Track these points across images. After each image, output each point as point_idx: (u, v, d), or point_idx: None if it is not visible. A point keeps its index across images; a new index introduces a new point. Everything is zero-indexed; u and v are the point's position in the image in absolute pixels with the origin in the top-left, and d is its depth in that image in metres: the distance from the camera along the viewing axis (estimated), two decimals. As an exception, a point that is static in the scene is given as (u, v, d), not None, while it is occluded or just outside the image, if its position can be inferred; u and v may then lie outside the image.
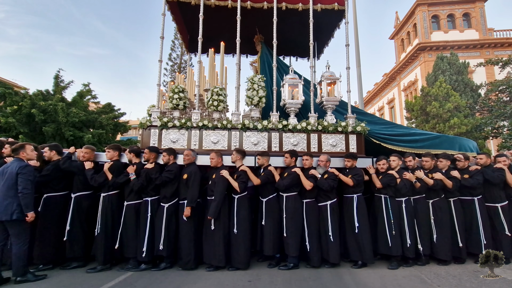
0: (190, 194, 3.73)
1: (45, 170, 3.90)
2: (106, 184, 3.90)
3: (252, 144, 4.52)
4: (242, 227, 3.81)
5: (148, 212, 3.82)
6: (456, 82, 15.78)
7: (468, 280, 3.41)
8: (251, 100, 4.60)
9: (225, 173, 3.84)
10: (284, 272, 3.73)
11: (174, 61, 20.58)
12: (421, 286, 3.30)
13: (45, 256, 3.79)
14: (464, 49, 20.06)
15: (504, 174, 4.13)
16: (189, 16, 5.93)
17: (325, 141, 4.73)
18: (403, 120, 21.77)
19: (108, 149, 4.15)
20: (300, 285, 3.33)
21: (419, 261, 4.01)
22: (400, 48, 24.54)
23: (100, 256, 3.77)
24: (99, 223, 3.84)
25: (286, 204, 3.94)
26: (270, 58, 5.73)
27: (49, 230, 3.81)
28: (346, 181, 4.04)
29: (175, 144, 4.44)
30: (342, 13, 5.38)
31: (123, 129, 13.36)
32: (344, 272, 3.74)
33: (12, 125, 10.16)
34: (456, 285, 3.27)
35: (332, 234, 3.85)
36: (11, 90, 10.83)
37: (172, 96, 4.52)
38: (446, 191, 4.17)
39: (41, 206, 3.85)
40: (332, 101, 4.90)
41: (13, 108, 10.41)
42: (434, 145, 4.93)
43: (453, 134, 12.71)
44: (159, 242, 3.69)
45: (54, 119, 10.91)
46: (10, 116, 10.22)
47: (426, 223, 4.08)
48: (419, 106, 14.79)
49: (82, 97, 12.26)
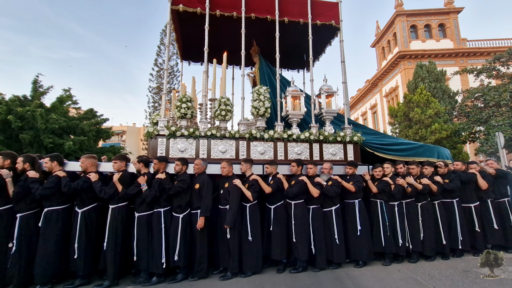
0: (204, 204, 3.94)
1: (48, 183, 3.77)
2: (116, 195, 3.94)
3: (259, 154, 4.84)
4: (255, 234, 4.09)
5: (162, 223, 3.92)
6: (435, 89, 17.00)
7: (460, 280, 3.81)
8: (257, 110, 4.95)
9: (238, 182, 4.10)
10: (286, 279, 3.94)
11: (160, 67, 20.75)
12: (418, 287, 3.63)
13: (46, 275, 3.63)
14: (441, 58, 21.73)
15: (475, 177, 4.98)
16: (186, 26, 6.20)
17: (326, 150, 5.17)
18: (385, 125, 23.03)
19: (115, 160, 4.20)
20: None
21: (411, 258, 4.58)
22: (381, 55, 26.04)
23: (110, 270, 3.75)
24: (108, 237, 3.82)
25: (295, 211, 4.29)
26: (270, 70, 6.14)
27: (51, 246, 3.69)
28: (348, 187, 4.49)
29: (183, 153, 4.64)
30: (335, 31, 5.99)
31: (106, 135, 13.19)
32: (344, 277, 4.02)
33: (-15, 132, 9.78)
34: (450, 285, 3.63)
35: (337, 237, 4.26)
36: (-16, 95, 10.43)
37: (180, 106, 4.73)
38: (431, 194, 4.85)
39: (41, 220, 3.74)
40: (331, 112, 5.39)
41: (-14, 114, 10.03)
42: (418, 154, 5.63)
43: (435, 138, 13.68)
44: (175, 253, 3.82)
45: (32, 125, 10.61)
46: (-16, 123, 9.85)
47: (415, 224, 4.70)
48: (402, 112, 15.80)
49: (62, 102, 12.01)
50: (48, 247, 3.69)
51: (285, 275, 4.09)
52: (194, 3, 5.11)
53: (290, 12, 5.50)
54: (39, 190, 3.68)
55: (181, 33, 6.55)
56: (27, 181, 3.75)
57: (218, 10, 5.23)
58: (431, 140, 13.78)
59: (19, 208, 3.74)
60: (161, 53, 20.90)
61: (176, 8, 5.11)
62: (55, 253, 3.71)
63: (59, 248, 3.76)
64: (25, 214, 3.75)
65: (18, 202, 3.75)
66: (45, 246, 3.68)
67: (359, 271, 4.20)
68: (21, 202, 3.76)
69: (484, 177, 5.00)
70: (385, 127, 23.05)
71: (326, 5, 5.79)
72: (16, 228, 3.66)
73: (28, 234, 3.72)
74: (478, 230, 4.83)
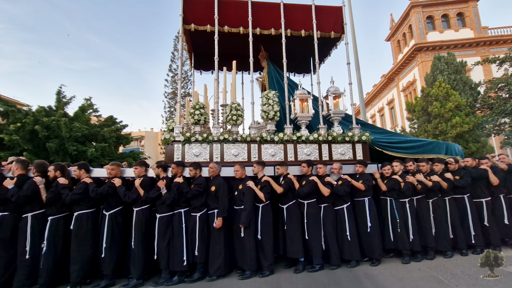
0: (221, 205, 4.24)
1: (77, 189, 4.16)
2: (139, 199, 4.29)
3: (270, 156, 5.11)
4: (267, 233, 4.35)
5: (183, 223, 4.26)
6: (455, 81, 16.55)
7: (483, 278, 3.70)
8: (267, 114, 5.22)
9: (252, 184, 4.39)
10: (304, 278, 4.04)
11: (174, 72, 21.52)
12: (439, 286, 3.57)
13: (80, 274, 3.97)
14: (460, 48, 21.07)
15: (486, 173, 5.00)
16: (196, 38, 6.59)
17: (334, 150, 5.37)
18: (404, 120, 22.60)
19: (135, 166, 4.56)
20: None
21: (428, 255, 4.67)
22: (397, 49, 25.54)
23: (137, 270, 4.05)
24: (134, 237, 4.14)
25: (307, 210, 4.52)
26: (278, 75, 6.39)
27: (83, 247, 4.04)
28: (358, 186, 4.66)
29: (198, 158, 4.98)
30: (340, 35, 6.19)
31: (126, 141, 13.84)
32: (362, 276, 4.01)
33: (16, 142, 10.53)
34: (474, 284, 3.53)
35: (349, 234, 4.45)
36: (13, 108, 11.26)
37: (193, 112, 5.07)
38: (442, 191, 4.93)
39: (73, 223, 4.10)
40: (338, 113, 5.58)
41: (16, 125, 10.80)
42: (427, 151, 5.72)
43: (456, 133, 13.36)
44: (194, 249, 4.15)
45: (58, 134, 11.31)
46: (14, 134, 10.60)
47: (427, 220, 4.81)
48: (420, 106, 15.51)
49: (84, 111, 12.72)
50: (81, 248, 4.05)
51: (303, 275, 4.19)
52: (204, 21, 5.50)
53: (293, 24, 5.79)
54: (69, 196, 4.09)
55: (192, 44, 6.95)
56: (58, 187, 4.18)
57: (226, 26, 5.59)
58: (452, 134, 13.48)
59: (50, 212, 4.16)
60: (175, 59, 21.68)
61: (188, 28, 5.53)
62: (87, 253, 4.08)
63: (90, 249, 4.12)
64: (56, 217, 4.15)
65: (50, 206, 4.17)
66: (78, 247, 4.05)
67: (377, 270, 4.25)
68: (53, 206, 4.17)
69: (496, 172, 5.02)
70: (404, 123, 22.61)
71: (330, 10, 5.99)
72: (47, 230, 4.06)
73: (58, 236, 4.10)
74: (486, 224, 4.87)
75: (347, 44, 5.97)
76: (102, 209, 4.44)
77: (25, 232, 3.99)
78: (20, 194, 3.94)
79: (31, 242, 3.97)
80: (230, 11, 5.64)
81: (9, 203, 3.99)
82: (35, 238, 4.03)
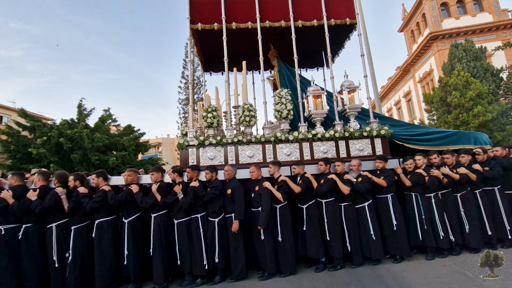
0: (237, 208, 4.15)
1: (97, 197, 4.20)
2: (156, 204, 4.28)
3: (285, 155, 4.96)
4: (287, 234, 4.21)
5: (200, 227, 4.21)
6: (475, 69, 15.72)
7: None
8: (280, 113, 5.07)
9: (268, 184, 4.26)
10: (325, 277, 3.94)
11: (187, 79, 21.85)
12: (466, 281, 3.43)
13: (105, 280, 4.02)
14: (479, 34, 19.99)
15: None
16: (205, 39, 6.50)
17: (352, 146, 5.12)
18: (422, 112, 21.72)
19: (152, 172, 4.55)
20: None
21: (453, 251, 4.38)
22: (411, 39, 24.63)
23: (159, 274, 4.06)
24: (154, 243, 4.14)
25: (327, 209, 4.34)
26: (289, 72, 6.22)
27: (106, 254, 4.09)
28: (379, 182, 4.41)
29: (213, 161, 4.91)
30: (353, 26, 5.91)
31: (144, 148, 14.12)
32: (385, 274, 3.88)
33: (43, 155, 10.99)
34: (503, 279, 3.39)
35: (373, 232, 4.22)
36: (40, 123, 11.75)
37: (206, 116, 5.01)
38: (471, 183, 4.57)
39: (95, 231, 4.15)
40: (354, 108, 5.32)
41: (43, 139, 11.26)
42: (452, 142, 5.35)
43: (478, 122, 12.68)
44: (214, 255, 4.08)
45: (81, 145, 11.69)
46: (41, 147, 11.06)
47: (455, 215, 4.48)
48: (438, 97, 14.82)
49: (104, 121, 13.09)
50: (104, 255, 4.10)
51: (324, 274, 4.10)
52: (211, 19, 5.40)
53: (304, 15, 5.57)
54: (89, 204, 4.13)
55: (201, 46, 6.91)
56: (78, 197, 4.23)
57: (234, 23, 5.46)
58: (474, 124, 12.78)
59: (73, 221, 4.22)
60: (187, 65, 21.98)
61: (195, 27, 5.44)
62: (110, 260, 4.12)
63: (113, 255, 4.16)
64: (78, 226, 4.21)
65: (73, 215, 4.23)
66: (101, 254, 4.10)
67: (400, 267, 4.08)
68: (75, 215, 4.23)
69: None
70: (422, 115, 21.72)
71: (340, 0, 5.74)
72: (72, 239, 4.12)
73: (81, 244, 4.15)
74: None
75: (360, 35, 5.70)
76: (121, 216, 4.46)
77: (51, 242, 4.06)
78: (43, 205, 4.01)
79: (57, 252, 4.03)
80: (237, 7, 5.52)
81: (32, 214, 4.06)
82: (62, 248, 4.09)
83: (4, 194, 4.06)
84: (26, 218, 4.09)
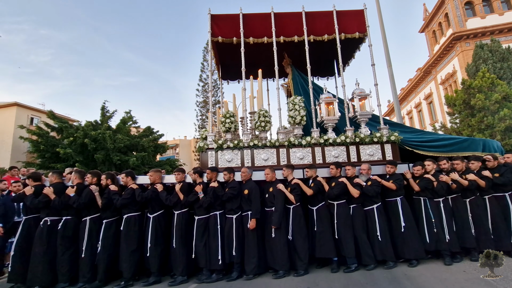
0: (254, 207, 4.56)
1: (126, 194, 4.73)
2: (179, 203, 4.76)
3: (298, 159, 5.35)
4: (300, 234, 4.56)
5: (218, 224, 4.64)
6: (501, 70, 15.31)
7: None
8: (294, 119, 5.47)
9: (281, 186, 4.65)
10: (340, 278, 4.09)
11: (204, 82, 22.65)
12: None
13: (131, 270, 4.46)
14: (507, 33, 19.44)
15: None
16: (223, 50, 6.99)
17: (363, 151, 5.45)
18: (444, 115, 21.32)
19: (177, 172, 5.04)
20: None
21: (472, 256, 4.50)
22: (433, 40, 24.23)
23: (179, 268, 4.47)
24: (176, 238, 4.57)
25: (337, 210, 4.66)
26: (302, 80, 6.61)
27: (132, 246, 4.54)
28: (389, 186, 4.70)
29: (230, 163, 5.37)
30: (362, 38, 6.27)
31: (162, 149, 14.88)
32: (401, 277, 3.92)
33: (69, 155, 11.90)
34: None
35: (380, 234, 4.50)
36: (66, 124, 12.71)
37: (224, 121, 5.49)
38: (480, 190, 4.75)
39: (123, 225, 4.65)
40: (365, 114, 5.65)
41: (69, 139, 12.20)
42: (462, 148, 5.53)
43: (505, 126, 12.39)
44: (232, 250, 4.48)
45: (103, 146, 12.54)
46: (68, 147, 11.99)
47: (465, 220, 4.65)
48: (461, 100, 14.58)
49: (125, 123, 13.94)
50: (130, 247, 4.59)
51: (339, 274, 4.28)
52: (231, 34, 5.92)
53: (316, 30, 6.01)
54: (119, 201, 4.67)
55: (219, 57, 7.43)
56: (109, 194, 4.79)
57: (251, 38, 5.98)
58: (500, 128, 12.52)
59: (105, 216, 4.78)
60: (204, 69, 22.84)
61: (215, 40, 5.97)
62: (136, 252, 4.61)
63: (138, 248, 4.66)
64: (109, 220, 4.76)
65: (105, 211, 4.79)
66: (127, 247, 4.59)
67: (416, 271, 4.16)
68: (107, 211, 4.79)
69: None
70: (444, 118, 21.32)
71: (352, 14, 6.12)
72: (102, 231, 4.66)
73: (111, 236, 4.69)
74: None
75: (371, 46, 6.03)
76: (146, 212, 4.97)
77: (83, 233, 4.64)
78: (80, 201, 4.60)
79: (88, 242, 4.59)
80: (255, 23, 6.03)
81: (71, 208, 4.69)
82: (93, 239, 4.65)
83: (46, 190, 4.68)
84: (65, 212, 4.71)
